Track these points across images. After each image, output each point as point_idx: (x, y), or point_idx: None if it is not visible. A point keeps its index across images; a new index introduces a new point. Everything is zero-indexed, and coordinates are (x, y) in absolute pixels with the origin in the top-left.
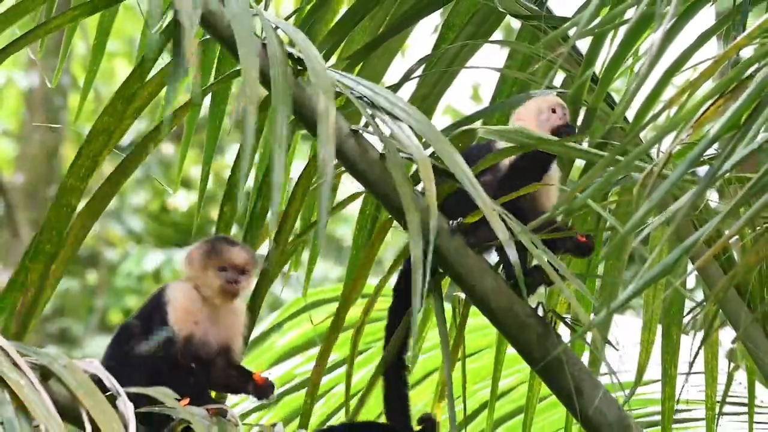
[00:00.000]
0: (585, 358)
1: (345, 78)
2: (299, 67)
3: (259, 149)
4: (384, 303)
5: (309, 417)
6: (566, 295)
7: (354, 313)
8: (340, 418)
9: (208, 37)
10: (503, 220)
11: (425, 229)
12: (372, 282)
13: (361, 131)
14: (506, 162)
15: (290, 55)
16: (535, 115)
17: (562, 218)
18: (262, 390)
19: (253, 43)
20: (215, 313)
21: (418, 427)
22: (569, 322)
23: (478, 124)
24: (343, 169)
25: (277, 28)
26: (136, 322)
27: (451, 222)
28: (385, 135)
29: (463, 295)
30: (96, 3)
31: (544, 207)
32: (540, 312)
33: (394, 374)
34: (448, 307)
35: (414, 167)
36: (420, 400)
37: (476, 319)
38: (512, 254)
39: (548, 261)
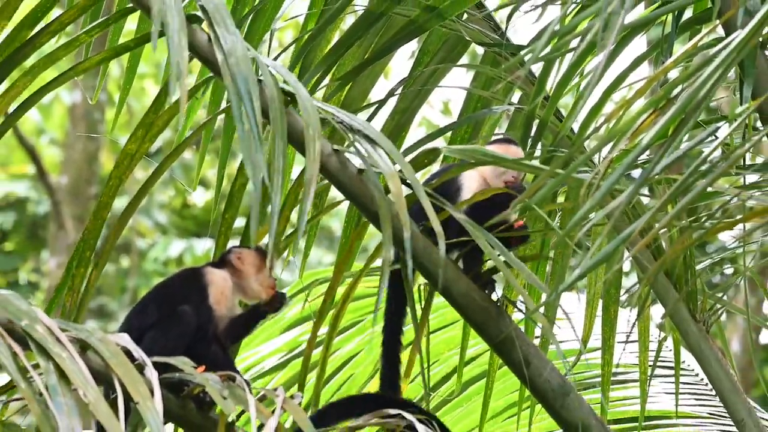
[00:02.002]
0: (539, 332)
1: (328, 108)
2: (288, 98)
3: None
4: (370, 282)
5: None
6: (516, 287)
7: (343, 291)
8: (335, 380)
9: None
10: (461, 223)
11: (400, 239)
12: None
13: (341, 150)
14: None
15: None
16: (493, 168)
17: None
18: (274, 302)
19: (249, 93)
20: (235, 297)
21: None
22: (519, 306)
23: (441, 142)
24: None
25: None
26: (188, 308)
27: (419, 224)
28: (364, 155)
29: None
30: (123, 46)
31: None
32: (494, 297)
33: (392, 348)
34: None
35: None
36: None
37: None
38: (442, 244)
39: (502, 257)
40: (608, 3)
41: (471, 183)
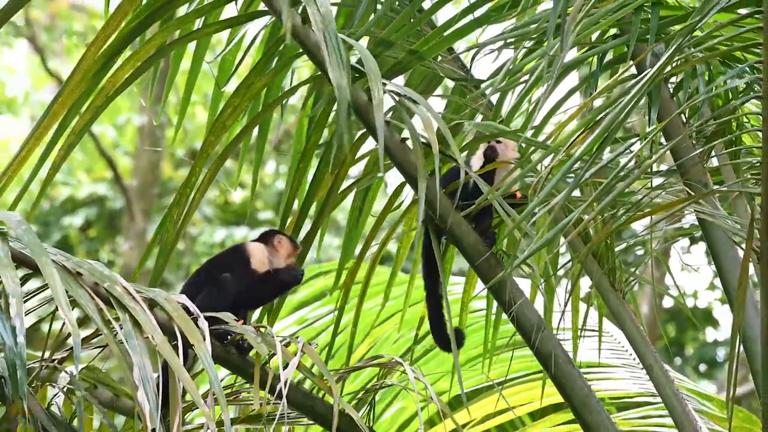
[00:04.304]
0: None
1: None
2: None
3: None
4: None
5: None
6: (518, 235)
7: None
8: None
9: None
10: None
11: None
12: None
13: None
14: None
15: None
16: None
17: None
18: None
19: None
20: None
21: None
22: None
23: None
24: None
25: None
26: (228, 276)
27: (443, 190)
28: (409, 120)
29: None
30: (236, 19)
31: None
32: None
33: (434, 300)
34: None
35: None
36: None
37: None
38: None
39: (507, 212)
40: (550, 48)
41: (477, 161)
